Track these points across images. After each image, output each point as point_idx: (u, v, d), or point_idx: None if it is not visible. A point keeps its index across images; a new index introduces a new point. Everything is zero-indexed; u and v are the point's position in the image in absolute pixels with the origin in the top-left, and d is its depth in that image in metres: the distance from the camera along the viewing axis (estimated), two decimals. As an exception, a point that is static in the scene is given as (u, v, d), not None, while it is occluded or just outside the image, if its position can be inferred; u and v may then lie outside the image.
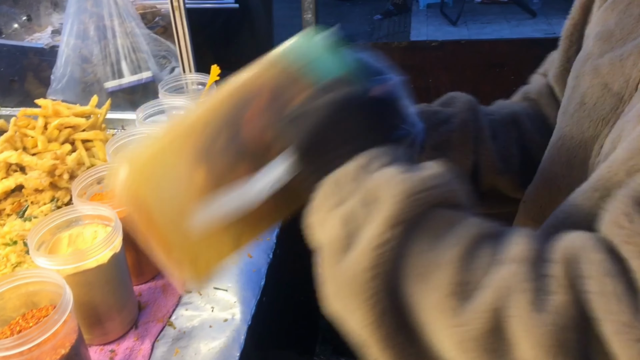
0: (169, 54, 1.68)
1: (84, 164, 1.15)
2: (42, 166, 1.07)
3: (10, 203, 1.07)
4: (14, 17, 2.24)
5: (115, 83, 1.63)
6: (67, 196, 1.11)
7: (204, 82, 1.25)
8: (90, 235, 0.83)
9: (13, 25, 2.25)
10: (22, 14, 2.31)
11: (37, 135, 1.15)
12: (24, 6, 2.30)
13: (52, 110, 1.20)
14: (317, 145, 0.48)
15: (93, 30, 1.66)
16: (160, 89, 1.20)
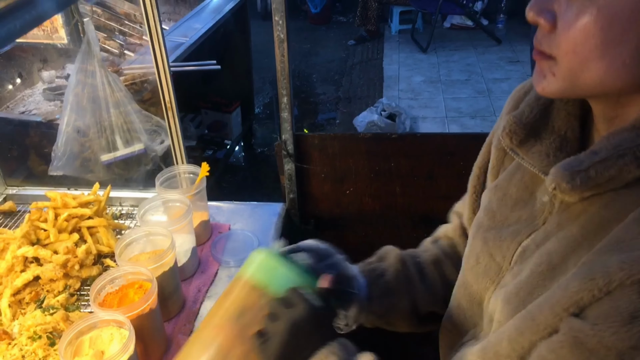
0: (159, 128, 1.84)
1: (92, 253, 1.32)
2: (57, 260, 1.23)
3: (28, 292, 1.23)
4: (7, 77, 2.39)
5: (110, 156, 1.79)
6: (78, 283, 1.28)
7: (195, 172, 1.42)
8: (107, 337, 1.00)
9: (7, 87, 2.39)
10: (14, 73, 2.46)
11: (49, 228, 1.31)
12: (15, 65, 2.44)
13: (60, 202, 1.37)
14: (287, 354, 0.68)
15: (87, 102, 1.81)
16: (157, 183, 1.37)
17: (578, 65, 0.54)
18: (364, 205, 1.60)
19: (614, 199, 0.56)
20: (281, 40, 1.28)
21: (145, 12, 1.23)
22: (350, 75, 5.14)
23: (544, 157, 0.65)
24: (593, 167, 0.55)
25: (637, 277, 0.48)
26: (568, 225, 0.61)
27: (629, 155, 0.53)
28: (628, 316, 0.48)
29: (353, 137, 1.48)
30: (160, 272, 1.14)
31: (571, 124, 0.66)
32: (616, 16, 0.50)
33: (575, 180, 0.56)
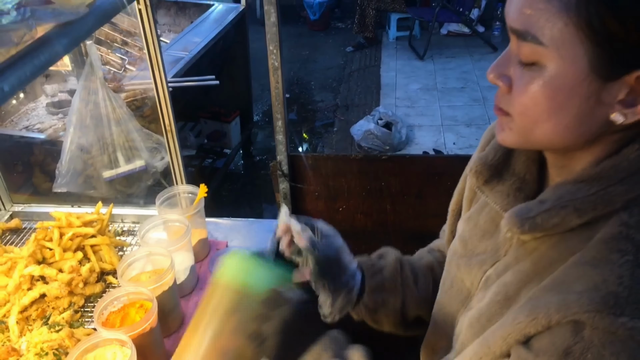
0: (159, 145, 1.91)
1: (95, 271, 1.38)
2: (62, 279, 1.30)
3: (35, 309, 1.29)
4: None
5: (112, 173, 1.86)
6: (82, 300, 1.34)
7: (194, 192, 1.48)
8: (111, 355, 1.06)
9: (11, 101, 2.46)
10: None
11: (55, 247, 1.37)
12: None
13: (65, 222, 1.43)
14: (284, 352, 0.74)
15: (90, 120, 1.88)
16: (157, 202, 1.43)
17: (529, 124, 0.61)
18: (356, 222, 1.66)
19: (560, 241, 0.63)
20: (275, 69, 1.34)
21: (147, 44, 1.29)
22: (348, 83, 5.20)
23: (505, 197, 0.72)
24: (539, 215, 0.62)
25: (571, 318, 0.55)
26: (523, 260, 0.68)
27: (569, 207, 0.60)
28: (562, 351, 0.55)
29: (345, 157, 1.54)
30: (160, 291, 1.20)
31: (529, 168, 0.73)
32: (559, 88, 0.57)
33: (524, 226, 0.63)
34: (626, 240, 0.57)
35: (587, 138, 0.60)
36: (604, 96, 0.57)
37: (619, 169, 0.59)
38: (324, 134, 4.46)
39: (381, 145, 3.91)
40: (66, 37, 0.94)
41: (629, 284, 0.54)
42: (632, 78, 0.55)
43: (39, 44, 0.88)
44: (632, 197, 0.58)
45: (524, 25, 0.57)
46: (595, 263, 0.57)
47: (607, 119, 0.58)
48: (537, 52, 0.57)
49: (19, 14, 0.92)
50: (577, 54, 0.55)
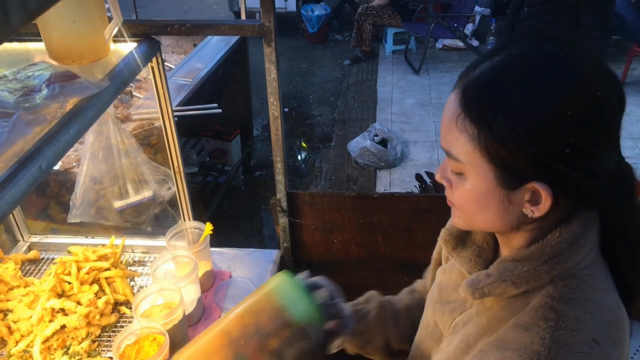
0: (166, 177, 2.04)
1: (110, 302, 1.51)
2: (81, 311, 1.43)
3: (56, 339, 1.42)
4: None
5: (122, 203, 1.98)
6: (98, 330, 1.47)
7: (200, 227, 1.61)
8: (128, 386, 1.19)
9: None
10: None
11: (73, 281, 1.50)
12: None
13: (82, 257, 1.56)
14: None
15: (101, 152, 2.00)
16: (167, 238, 1.56)
17: (468, 216, 0.78)
18: (350, 252, 1.79)
19: (507, 304, 0.78)
20: (275, 117, 1.47)
21: (158, 96, 1.42)
22: (346, 97, 5.33)
23: (468, 261, 0.88)
24: (486, 286, 0.77)
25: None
26: (481, 315, 0.82)
27: (508, 281, 0.76)
28: None
29: (339, 195, 1.67)
30: (171, 325, 1.33)
31: (486, 238, 0.88)
32: (479, 194, 0.73)
33: (475, 294, 0.79)
34: (550, 310, 0.71)
35: (512, 226, 0.76)
36: (513, 198, 0.72)
37: (544, 252, 0.74)
38: (321, 148, 4.58)
39: (377, 162, 4.04)
40: (92, 109, 1.06)
41: (548, 345, 0.68)
42: (531, 186, 0.70)
43: (68, 118, 1.00)
44: (556, 274, 0.73)
45: (448, 147, 0.74)
46: (527, 327, 0.71)
47: (522, 213, 0.73)
48: (459, 167, 0.74)
49: (50, 90, 1.05)
50: (485, 171, 0.71)
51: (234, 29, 1.39)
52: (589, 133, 0.67)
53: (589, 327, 0.70)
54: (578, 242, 0.73)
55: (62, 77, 1.10)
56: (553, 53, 0.68)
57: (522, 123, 0.66)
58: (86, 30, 1.19)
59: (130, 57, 1.26)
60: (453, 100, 0.73)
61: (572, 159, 0.67)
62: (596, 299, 0.72)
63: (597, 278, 0.74)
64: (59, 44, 1.20)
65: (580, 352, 0.67)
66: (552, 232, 0.74)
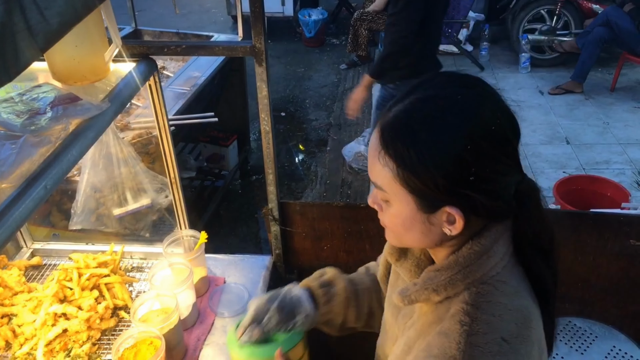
0: (164, 185, 2.12)
1: (109, 307, 1.59)
2: (82, 316, 1.51)
3: (58, 342, 1.50)
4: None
5: (122, 210, 2.06)
6: (98, 334, 1.55)
7: (195, 235, 1.69)
8: (127, 387, 1.27)
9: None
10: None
11: (74, 287, 1.58)
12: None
13: (83, 263, 1.64)
14: None
15: (101, 161, 2.08)
16: (164, 246, 1.64)
17: (398, 236, 0.90)
18: (339, 259, 1.87)
19: (435, 309, 0.88)
20: (267, 132, 1.55)
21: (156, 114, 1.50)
22: (342, 101, 5.41)
23: (408, 271, 0.98)
24: (413, 294, 0.88)
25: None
26: (420, 319, 0.92)
27: (430, 288, 0.86)
28: None
29: (329, 205, 1.75)
30: (167, 329, 1.41)
31: (423, 250, 0.98)
32: (403, 218, 0.85)
33: (404, 300, 0.90)
34: (465, 314, 0.81)
35: (435, 243, 0.87)
36: (433, 220, 0.83)
37: (457, 263, 0.85)
38: (317, 153, 4.66)
39: (371, 167, 4.11)
40: (93, 130, 1.14)
41: (463, 349, 0.78)
42: (444, 210, 0.81)
43: (71, 140, 1.08)
44: (469, 281, 0.84)
45: (374, 179, 0.85)
46: (447, 332, 0.82)
47: (442, 232, 0.84)
48: (385, 195, 0.85)
49: (54, 112, 1.13)
50: (406, 199, 0.82)
51: (227, 50, 1.47)
52: (488, 162, 0.78)
53: (498, 328, 0.80)
54: (487, 252, 0.84)
55: (65, 100, 1.19)
56: (452, 96, 0.80)
57: (430, 158, 0.77)
58: (87, 53, 1.27)
59: (129, 77, 1.34)
60: (375, 138, 0.84)
61: (476, 184, 0.78)
62: (505, 302, 0.83)
63: (506, 283, 0.85)
64: (62, 66, 1.28)
65: (491, 351, 0.78)
66: (465, 245, 0.85)
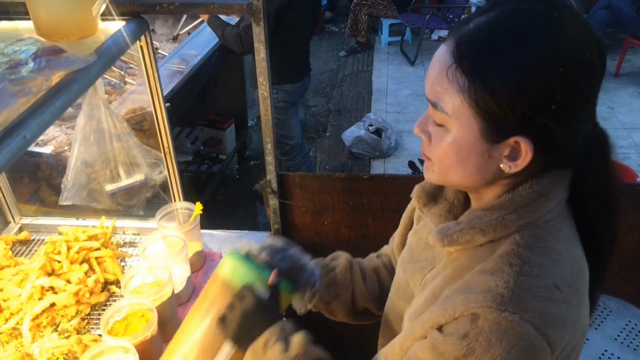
0: (158, 160, 2.04)
1: (100, 282, 1.51)
2: (70, 290, 1.43)
3: (45, 317, 1.43)
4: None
5: (114, 186, 1.98)
6: (88, 309, 1.48)
7: (190, 207, 1.62)
8: (116, 360, 1.20)
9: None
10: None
11: (63, 260, 1.51)
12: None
13: (72, 236, 1.56)
14: (240, 334, 0.91)
15: (93, 136, 2.00)
16: (157, 218, 1.57)
17: (445, 170, 0.80)
18: (341, 234, 1.80)
19: (472, 253, 0.80)
20: (265, 98, 1.47)
21: (147, 76, 1.42)
22: (341, 88, 5.33)
23: (438, 217, 0.90)
24: (455, 233, 0.80)
25: (470, 311, 0.72)
26: (448, 267, 0.85)
27: (476, 228, 0.78)
28: (462, 335, 0.72)
29: (329, 177, 1.68)
30: (159, 302, 1.33)
31: (457, 195, 0.90)
32: (460, 147, 0.75)
33: (444, 241, 0.81)
34: (515, 256, 0.74)
35: (487, 181, 0.78)
36: (493, 153, 0.74)
37: (513, 202, 0.77)
38: (316, 138, 4.59)
39: (371, 152, 4.04)
40: (78, 83, 1.07)
41: (512, 288, 0.71)
42: (511, 141, 0.72)
43: (54, 92, 1.01)
44: (523, 223, 0.76)
45: (435, 98, 0.75)
46: (493, 272, 0.74)
47: (499, 168, 0.76)
48: (444, 118, 0.75)
49: (36, 64, 1.06)
50: (471, 124, 0.73)
51: (222, 7, 1.39)
52: (574, 92, 0.70)
53: (551, 274, 0.73)
54: (547, 195, 0.76)
55: (49, 52, 1.11)
56: (547, 13, 0.70)
57: (515, 76, 0.68)
58: (73, 7, 1.19)
59: (118, 34, 1.26)
60: (444, 52, 0.74)
61: (556, 115, 0.70)
62: (560, 249, 0.75)
63: (562, 230, 0.78)
64: (47, 21, 1.20)
65: (542, 296, 0.71)
66: (523, 184, 0.77)
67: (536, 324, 0.69)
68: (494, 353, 0.69)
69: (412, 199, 0.96)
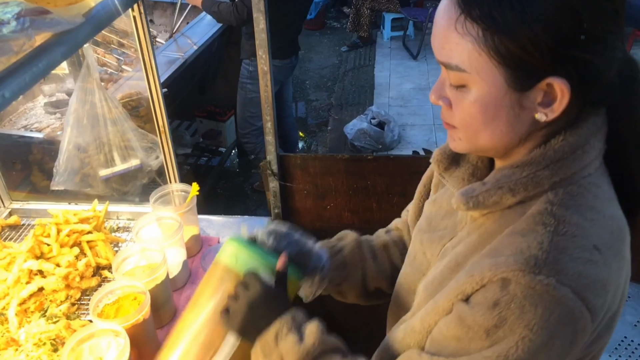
0: (154, 144, 1.97)
1: (91, 265, 1.44)
2: (60, 273, 1.36)
3: (33, 302, 1.35)
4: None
5: (108, 171, 1.91)
6: (78, 294, 1.40)
7: (186, 190, 1.54)
8: (106, 345, 1.13)
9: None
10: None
11: (52, 243, 1.43)
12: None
13: (62, 219, 1.49)
14: (247, 326, 0.83)
15: (87, 121, 1.93)
16: (151, 200, 1.49)
17: (472, 134, 0.71)
18: (344, 219, 1.72)
19: (501, 217, 0.73)
20: (265, 72, 1.40)
21: (141, 48, 1.35)
22: (343, 82, 5.26)
23: (460, 181, 0.82)
24: (481, 194, 0.72)
25: (500, 276, 0.64)
26: (472, 234, 0.77)
27: (505, 187, 0.70)
28: (492, 303, 0.64)
29: (332, 157, 1.61)
30: (153, 285, 1.26)
31: (481, 157, 0.83)
32: (487, 104, 0.67)
33: (469, 203, 0.73)
34: (549, 215, 0.66)
35: (521, 137, 0.70)
36: (524, 103, 0.66)
37: (545, 156, 0.69)
38: (317, 132, 4.52)
39: (374, 144, 3.97)
40: (63, 46, 1.00)
41: (547, 249, 0.63)
42: (543, 84, 0.64)
43: (37, 52, 0.94)
44: (557, 180, 0.68)
45: (447, 58, 0.68)
46: (524, 233, 0.66)
47: (533, 119, 0.67)
48: (463, 77, 0.67)
49: (19, 24, 0.98)
50: (494, 75, 0.65)
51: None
52: (601, 16, 0.62)
53: (590, 234, 0.66)
54: (583, 146, 0.68)
55: (34, 12, 1.04)
56: None
57: (533, 10, 0.60)
58: (61, -31, 1.12)
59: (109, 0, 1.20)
60: (448, 6, 0.67)
61: (587, 45, 0.62)
62: (599, 207, 0.68)
63: (600, 187, 0.70)
64: (33, -17, 1.13)
65: (580, 257, 0.64)
66: (556, 137, 0.69)
67: (575, 287, 0.62)
68: (529, 321, 0.62)
69: (432, 164, 0.88)
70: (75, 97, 1.83)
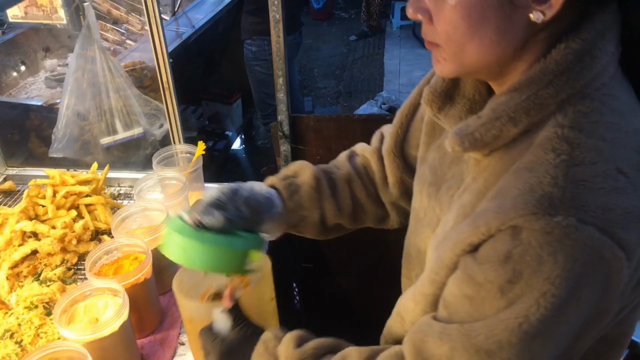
0: (158, 112, 1.86)
1: (89, 229, 1.34)
2: (54, 235, 1.26)
3: (26, 266, 1.25)
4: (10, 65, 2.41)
5: (109, 139, 1.81)
6: (75, 258, 1.30)
7: (192, 151, 1.44)
8: (103, 305, 1.02)
9: (11, 74, 2.42)
10: (17, 61, 2.48)
11: (48, 205, 1.33)
12: (18, 53, 2.47)
13: (59, 180, 1.39)
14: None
15: (88, 87, 1.83)
16: (154, 161, 1.39)
17: (457, 48, 0.61)
18: (359, 187, 1.61)
19: (505, 153, 0.62)
20: (276, 21, 1.30)
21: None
22: (352, 70, 5.16)
23: (457, 119, 0.71)
24: (477, 130, 0.62)
25: (509, 224, 0.54)
26: (477, 178, 0.67)
27: (504, 117, 0.60)
28: (503, 257, 0.55)
29: (348, 118, 1.50)
30: (155, 245, 1.15)
31: (477, 88, 0.72)
32: (471, 6, 0.57)
33: (464, 143, 0.63)
34: (561, 140, 0.56)
35: (516, 45, 0.60)
36: (516, 0, 0.56)
37: (547, 71, 0.58)
38: (326, 119, 4.41)
39: (384, 130, 3.86)
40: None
41: (562, 184, 0.53)
42: None
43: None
44: (564, 97, 0.57)
45: None
46: (531, 166, 0.56)
47: (528, 21, 0.57)
48: None
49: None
50: None
51: None
52: None
53: (612, 156, 0.55)
54: (591, 52, 0.57)
55: None
56: None
57: None
58: None
59: None
60: None
61: None
62: (618, 122, 0.57)
63: (618, 99, 0.58)
64: None
65: (603, 187, 0.53)
66: (557, 46, 0.57)
67: (601, 224, 0.52)
68: (549, 273, 0.52)
69: (423, 105, 0.77)
70: (75, 60, 1.73)
